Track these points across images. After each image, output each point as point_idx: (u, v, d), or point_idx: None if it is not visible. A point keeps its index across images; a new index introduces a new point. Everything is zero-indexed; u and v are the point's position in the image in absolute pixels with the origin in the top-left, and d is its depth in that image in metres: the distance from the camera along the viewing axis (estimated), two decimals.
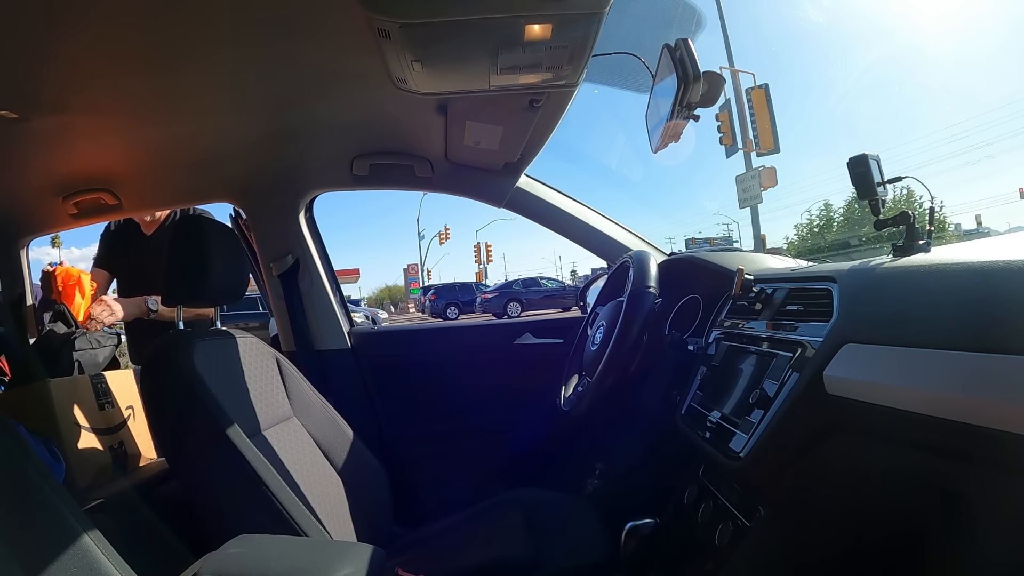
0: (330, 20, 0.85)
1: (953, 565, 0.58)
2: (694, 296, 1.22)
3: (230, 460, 0.82)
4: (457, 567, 0.99)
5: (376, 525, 1.13)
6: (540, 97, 1.07)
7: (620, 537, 0.97)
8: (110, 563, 0.59)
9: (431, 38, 0.83)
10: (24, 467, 0.61)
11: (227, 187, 1.51)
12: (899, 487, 0.62)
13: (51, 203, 1.45)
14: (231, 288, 1.07)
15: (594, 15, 0.80)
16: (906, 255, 0.70)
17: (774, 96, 11.24)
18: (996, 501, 0.52)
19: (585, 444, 1.43)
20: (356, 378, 1.57)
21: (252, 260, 1.57)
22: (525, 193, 1.52)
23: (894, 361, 0.56)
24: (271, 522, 0.80)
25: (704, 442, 0.87)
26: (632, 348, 1.03)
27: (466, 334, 1.76)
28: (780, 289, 0.88)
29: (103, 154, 1.27)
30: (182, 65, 0.93)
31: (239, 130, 1.24)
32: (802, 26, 51.60)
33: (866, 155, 0.76)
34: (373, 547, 0.69)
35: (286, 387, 1.13)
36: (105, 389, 1.28)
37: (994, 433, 0.46)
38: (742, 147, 11.53)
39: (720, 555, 0.81)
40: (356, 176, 1.47)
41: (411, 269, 26.98)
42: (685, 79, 0.93)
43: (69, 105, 1.02)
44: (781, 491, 0.74)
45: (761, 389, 0.75)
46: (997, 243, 0.65)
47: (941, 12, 36.01)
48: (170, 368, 0.87)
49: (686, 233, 48.99)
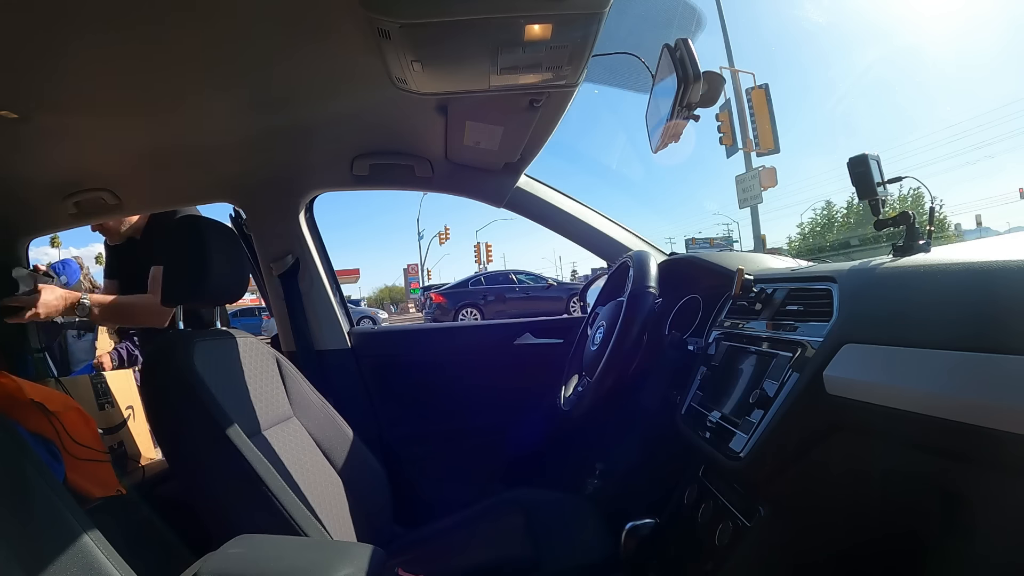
0: (330, 20, 0.85)
1: (953, 565, 0.58)
2: (694, 296, 1.22)
3: (230, 460, 0.82)
4: (457, 567, 0.99)
5: (376, 525, 1.13)
6: (540, 97, 1.07)
7: (620, 537, 0.97)
8: (110, 563, 0.60)
9: (431, 38, 0.83)
10: (24, 467, 0.61)
11: (227, 187, 1.51)
12: (899, 487, 0.62)
13: (51, 203, 1.44)
14: (231, 288, 1.07)
15: (594, 15, 0.80)
16: (906, 255, 0.70)
17: (774, 96, 11.26)
18: (996, 501, 0.52)
19: (585, 444, 1.43)
20: (356, 378, 1.57)
21: (252, 260, 1.57)
22: (525, 193, 1.52)
23: (894, 361, 0.56)
24: (271, 522, 0.80)
25: (704, 442, 0.87)
26: (632, 348, 1.03)
27: (466, 334, 1.76)
28: (780, 289, 0.88)
29: (103, 154, 1.27)
30: (182, 65, 0.93)
31: (239, 130, 1.24)
32: (802, 26, 51.68)
33: (866, 155, 0.76)
34: (373, 547, 0.69)
35: (286, 387, 1.13)
36: (105, 389, 1.28)
37: (994, 433, 0.46)
38: (742, 147, 11.54)
39: (720, 555, 0.81)
40: (356, 176, 1.47)
41: (411, 269, 26.98)
42: (685, 79, 0.93)
43: (69, 105, 1.01)
44: (781, 491, 0.74)
45: (761, 389, 0.75)
46: (997, 243, 0.65)
47: (941, 13, 36.03)
48: (170, 368, 0.87)
49: (686, 233, 49.05)
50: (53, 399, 0.99)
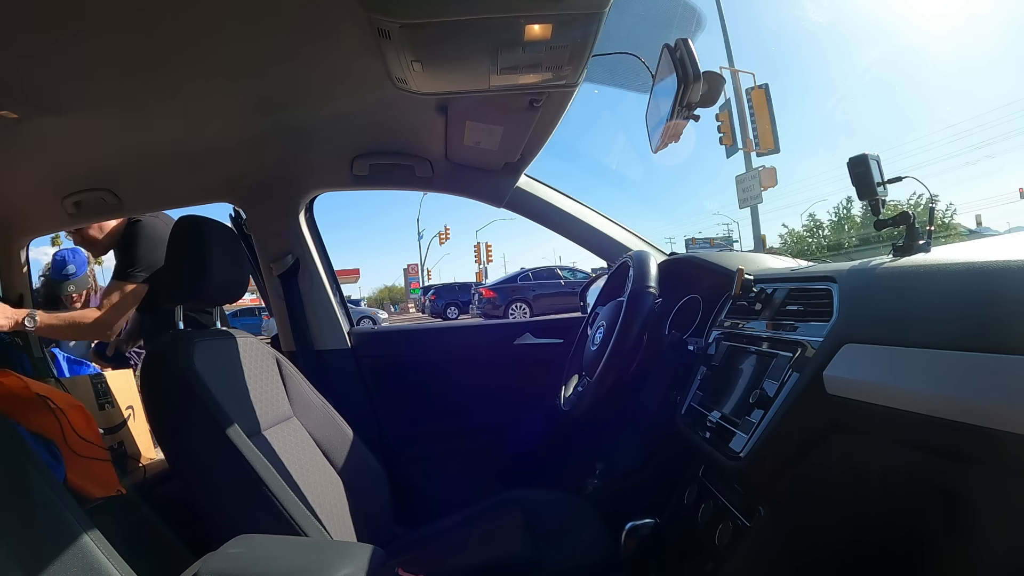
0: (330, 20, 0.85)
1: (953, 565, 0.58)
2: (694, 296, 1.22)
3: (230, 460, 0.82)
4: (457, 567, 0.99)
5: (376, 525, 1.13)
6: (540, 97, 1.07)
7: (620, 537, 0.97)
8: (110, 563, 0.60)
9: (431, 38, 0.83)
10: (24, 467, 0.61)
11: (227, 187, 1.51)
12: (899, 487, 0.62)
13: (51, 203, 1.44)
14: (231, 288, 1.07)
15: (594, 15, 0.80)
16: (906, 255, 0.70)
17: (774, 96, 11.25)
18: (996, 501, 0.52)
19: (585, 444, 1.43)
20: (356, 378, 1.57)
21: (252, 260, 1.57)
22: (525, 193, 1.52)
23: (894, 361, 0.56)
24: (271, 522, 0.80)
25: (704, 442, 0.87)
26: (632, 348, 1.03)
27: (466, 334, 1.76)
28: (780, 289, 0.88)
29: (103, 154, 1.27)
30: (182, 65, 0.93)
31: (239, 130, 1.24)
32: (802, 26, 51.59)
33: (866, 155, 0.76)
34: (373, 547, 0.69)
35: (286, 387, 1.13)
36: (105, 389, 1.28)
37: (994, 433, 0.46)
38: (742, 147, 11.54)
39: (720, 555, 0.81)
40: (356, 176, 1.47)
41: (411, 269, 26.98)
42: (685, 79, 0.93)
43: (69, 105, 1.01)
44: (781, 491, 0.74)
45: (761, 389, 0.75)
46: (997, 243, 0.65)
47: (941, 14, 36.02)
48: (170, 368, 0.87)
49: (686, 233, 48.95)
50: (57, 396, 1.00)
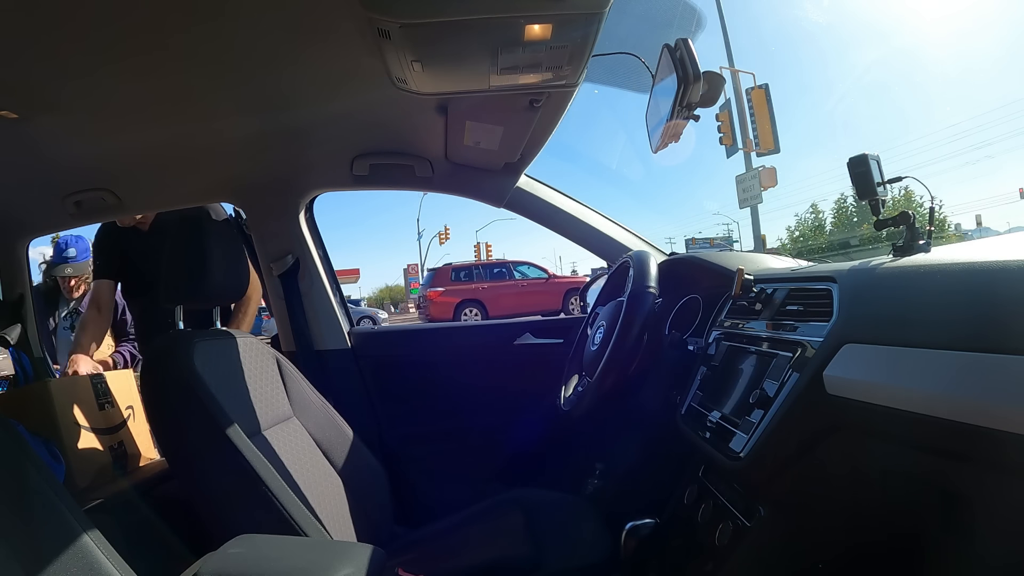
0: (330, 20, 0.85)
1: (953, 565, 0.58)
2: (694, 296, 1.22)
3: (230, 460, 0.82)
4: (457, 567, 0.99)
5: (376, 525, 1.13)
6: (540, 97, 1.07)
7: (620, 537, 0.97)
8: (110, 563, 0.60)
9: (431, 38, 0.83)
10: (24, 467, 0.61)
11: (227, 187, 1.51)
12: (899, 487, 0.62)
13: (51, 203, 1.44)
14: (231, 287, 1.07)
15: (594, 15, 0.80)
16: (906, 255, 0.70)
17: (774, 96, 11.24)
18: (996, 501, 0.52)
19: (585, 444, 1.43)
20: (356, 378, 1.57)
21: (252, 260, 1.57)
22: (525, 193, 1.52)
23: (894, 361, 0.56)
24: (271, 522, 0.80)
25: (704, 442, 0.87)
26: (632, 348, 1.02)
27: (466, 334, 1.76)
28: (780, 289, 0.88)
29: (103, 154, 1.27)
30: (182, 65, 0.93)
31: (239, 130, 1.24)
32: (802, 26, 51.58)
33: (866, 155, 0.76)
34: (373, 547, 0.69)
35: (286, 387, 1.13)
36: (105, 389, 1.28)
37: (994, 433, 0.46)
38: (742, 147, 11.52)
39: (720, 555, 0.81)
40: (356, 176, 1.47)
41: (411, 269, 26.96)
42: (685, 79, 0.93)
43: (69, 105, 1.01)
44: (781, 491, 0.74)
45: (761, 389, 0.75)
46: (997, 243, 0.65)
47: (941, 15, 36.03)
48: (170, 368, 0.87)
49: (686, 233, 48.92)
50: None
